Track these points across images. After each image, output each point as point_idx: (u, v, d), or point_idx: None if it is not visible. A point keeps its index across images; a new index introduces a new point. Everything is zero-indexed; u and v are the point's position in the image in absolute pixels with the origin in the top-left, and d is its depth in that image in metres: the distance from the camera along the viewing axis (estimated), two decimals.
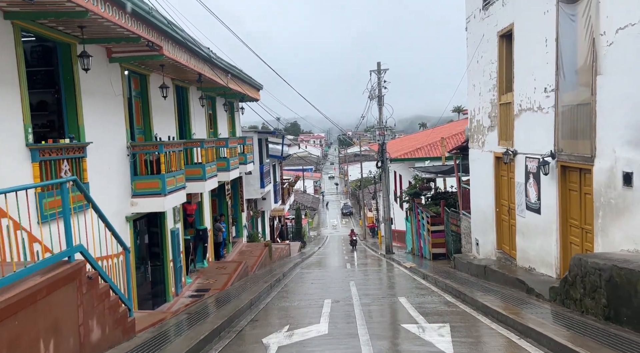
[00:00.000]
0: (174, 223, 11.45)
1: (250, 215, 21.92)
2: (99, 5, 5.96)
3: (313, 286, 12.41)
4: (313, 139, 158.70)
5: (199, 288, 11.92)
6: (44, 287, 4.53)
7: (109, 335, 5.77)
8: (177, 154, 9.94)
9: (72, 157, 7.03)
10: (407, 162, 28.61)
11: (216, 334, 6.71)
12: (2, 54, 5.76)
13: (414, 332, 6.35)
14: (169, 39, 8.52)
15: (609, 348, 4.51)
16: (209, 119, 15.55)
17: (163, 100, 10.61)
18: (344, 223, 65.15)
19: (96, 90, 7.96)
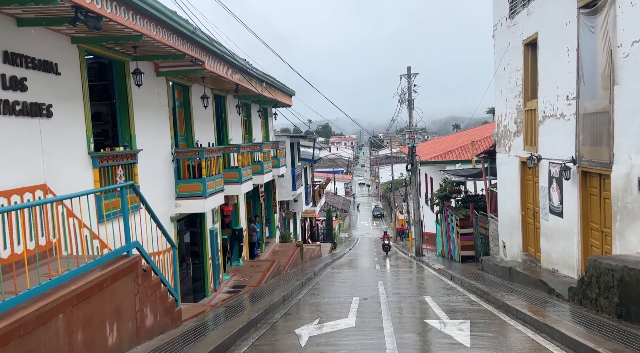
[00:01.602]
0: (213, 224, 12.24)
1: (282, 216, 22.65)
2: (152, 29, 6.72)
3: (343, 285, 12.95)
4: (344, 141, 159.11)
5: (235, 284, 12.66)
6: (109, 277, 5.28)
7: (159, 321, 6.50)
8: (216, 159, 10.70)
9: (126, 163, 7.86)
10: (437, 164, 28.76)
11: (252, 325, 7.35)
12: (70, 74, 6.60)
13: (436, 327, 6.81)
14: (210, 54, 9.28)
15: (614, 342, 4.86)
16: (244, 124, 16.35)
17: (203, 109, 11.42)
18: (374, 225, 65.24)
19: (145, 102, 8.79)
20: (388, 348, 5.79)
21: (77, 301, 4.70)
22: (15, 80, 5.54)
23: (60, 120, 6.34)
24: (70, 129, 6.58)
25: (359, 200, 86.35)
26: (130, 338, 5.70)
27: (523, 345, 5.73)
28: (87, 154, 6.94)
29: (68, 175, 6.47)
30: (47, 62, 6.11)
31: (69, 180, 6.46)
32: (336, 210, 57.54)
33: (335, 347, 6.05)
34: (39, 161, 5.93)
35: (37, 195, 5.86)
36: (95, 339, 5.01)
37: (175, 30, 7.45)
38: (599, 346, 4.70)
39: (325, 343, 6.24)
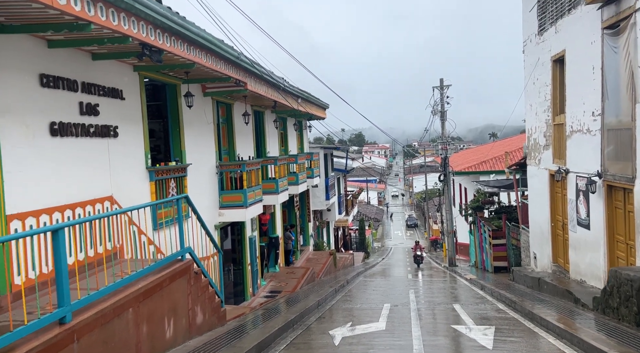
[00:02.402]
0: (252, 232, 13.01)
1: (316, 225, 23.30)
2: (202, 58, 7.55)
3: (374, 292, 13.42)
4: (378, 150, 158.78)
5: (272, 290, 13.35)
6: (167, 277, 6.04)
7: (208, 320, 7.23)
8: (255, 171, 11.48)
9: (177, 176, 8.71)
10: (471, 175, 28.78)
11: (290, 326, 7.97)
12: (132, 98, 7.50)
13: (462, 331, 7.24)
14: (252, 76, 10.08)
15: (626, 347, 5.20)
16: (280, 137, 17.16)
17: (244, 125, 12.26)
18: (408, 235, 64.90)
19: (194, 120, 9.66)
20: (415, 348, 6.29)
21: (143, 298, 5.46)
22: (89, 107, 6.44)
23: (124, 139, 7.22)
24: (132, 147, 7.46)
25: (393, 210, 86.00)
26: (183, 333, 6.44)
27: (543, 348, 6.11)
28: (145, 168, 7.81)
29: (129, 187, 7.33)
30: (114, 89, 7.01)
31: (130, 191, 7.32)
32: (369, 220, 57.74)
33: (366, 347, 6.59)
34: (107, 176, 6.80)
35: (105, 206, 6.72)
36: (156, 332, 5.75)
37: (222, 57, 8.27)
38: (612, 349, 5.06)
39: (357, 343, 6.79)
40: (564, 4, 10.04)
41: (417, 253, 25.57)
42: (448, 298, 12.11)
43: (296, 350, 6.56)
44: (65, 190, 5.94)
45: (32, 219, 5.39)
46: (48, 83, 5.71)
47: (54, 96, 5.81)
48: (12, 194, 5.11)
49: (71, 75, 6.12)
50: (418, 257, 25.42)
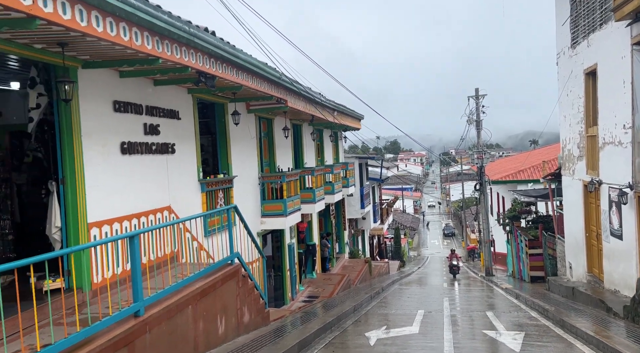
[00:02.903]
0: (290, 239, 13.69)
1: (351, 233, 23.79)
2: (249, 80, 8.31)
3: (409, 299, 13.79)
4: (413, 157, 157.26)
5: (310, 295, 13.95)
6: (220, 279, 6.75)
7: (254, 319, 7.90)
8: (294, 181, 12.17)
9: (225, 187, 9.50)
10: (509, 184, 28.54)
11: (328, 328, 8.53)
12: (187, 118, 8.34)
13: (491, 336, 7.60)
14: (292, 93, 10.80)
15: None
16: (317, 148, 17.85)
17: (284, 138, 13.01)
18: (445, 244, 64.13)
19: (239, 135, 10.45)
20: (446, 349, 6.73)
21: (200, 297, 6.18)
22: (152, 127, 7.29)
23: (180, 155, 8.05)
24: (186, 162, 8.28)
25: (429, 218, 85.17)
26: (233, 331, 7.12)
27: (568, 352, 6.41)
28: (197, 181, 8.62)
29: (184, 198, 8.14)
30: (172, 110, 7.85)
31: (184, 202, 8.12)
32: (404, 228, 57.61)
33: (400, 347, 7.08)
34: (165, 188, 7.62)
35: (165, 215, 7.53)
36: (210, 328, 6.46)
37: (266, 78, 9.02)
38: None
39: (391, 344, 7.28)
40: (595, 19, 10.26)
41: (453, 262, 24.33)
42: (482, 306, 12.35)
43: (334, 348, 7.12)
44: (132, 201, 6.77)
45: (106, 227, 6.23)
46: (119, 108, 6.57)
47: (124, 119, 6.67)
48: (91, 205, 5.95)
49: (137, 100, 6.98)
50: (454, 267, 24.10)
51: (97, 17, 4.54)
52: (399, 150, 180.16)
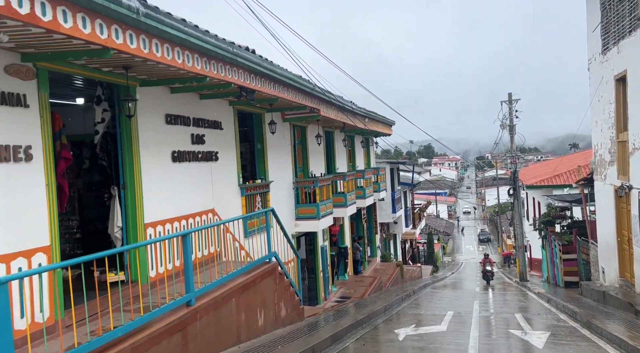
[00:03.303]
0: (323, 241, 14.24)
1: (383, 237, 24.12)
2: (285, 93, 8.95)
3: (440, 301, 14.08)
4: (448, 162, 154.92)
5: (342, 296, 14.45)
6: (259, 276, 7.37)
7: (289, 314, 8.49)
8: (326, 186, 12.73)
9: (262, 192, 10.16)
10: (544, 189, 28.17)
11: (359, 324, 9.02)
12: (228, 128, 9.06)
13: (517, 335, 7.91)
14: (324, 103, 11.39)
15: None
16: (348, 154, 18.37)
17: (317, 144, 13.61)
18: (480, 250, 63.09)
19: (275, 143, 11.12)
20: (470, 345, 7.11)
21: (242, 291, 6.81)
22: (198, 137, 8.03)
23: (222, 162, 8.76)
24: (228, 168, 8.99)
25: (464, 224, 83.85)
26: (271, 324, 7.73)
27: (591, 350, 6.67)
28: (237, 185, 9.31)
29: (226, 201, 8.83)
30: (215, 121, 8.58)
31: (226, 205, 8.81)
32: (438, 233, 57.15)
33: (427, 342, 7.50)
34: (210, 192, 8.34)
35: (209, 217, 8.24)
36: (251, 320, 7.08)
37: (300, 90, 9.65)
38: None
39: (418, 340, 7.71)
40: (625, 26, 10.38)
41: (487, 268, 23.03)
42: (512, 309, 12.52)
43: (365, 342, 7.61)
44: (181, 204, 7.50)
45: (160, 227, 6.96)
46: (171, 120, 7.32)
47: (174, 130, 7.42)
48: (147, 207, 6.69)
49: (186, 113, 7.73)
50: (488, 273, 22.83)
51: (156, 44, 5.25)
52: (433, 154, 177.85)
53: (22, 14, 3.69)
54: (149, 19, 4.89)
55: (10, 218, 4.71)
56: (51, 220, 5.15)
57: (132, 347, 4.68)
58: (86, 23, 4.28)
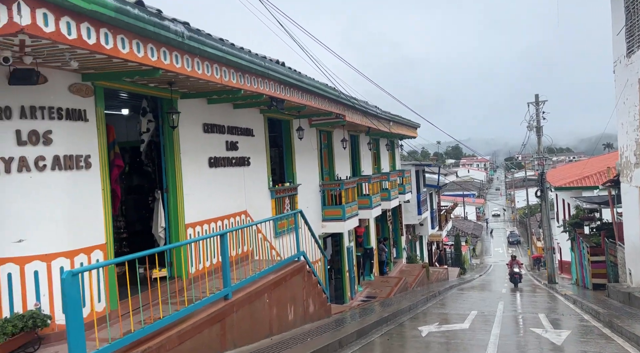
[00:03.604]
0: (349, 242, 14.68)
1: (408, 239, 24.35)
2: (312, 101, 9.46)
3: (465, 302, 14.31)
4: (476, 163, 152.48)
5: (368, 295, 14.85)
6: (289, 273, 7.89)
7: (317, 311, 8.97)
8: (352, 189, 13.18)
9: (290, 194, 10.70)
10: (573, 190, 27.81)
11: (384, 321, 9.43)
12: (259, 135, 9.64)
13: (537, 333, 8.16)
14: (349, 108, 11.86)
15: None
16: (373, 157, 18.76)
17: (342, 148, 14.08)
18: (509, 252, 62.12)
19: (302, 148, 11.65)
20: (490, 341, 7.43)
21: (274, 287, 7.34)
22: (232, 144, 8.62)
23: (254, 167, 9.34)
24: (259, 172, 9.56)
25: (493, 226, 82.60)
26: (300, 319, 8.23)
27: (609, 347, 6.89)
28: (268, 189, 9.88)
29: (257, 203, 9.40)
30: (248, 129, 9.17)
31: (257, 207, 9.38)
32: (465, 235, 56.66)
33: (448, 338, 7.85)
34: (242, 195, 8.92)
35: (242, 218, 8.82)
36: (282, 314, 7.60)
37: (326, 97, 10.15)
38: None
39: (440, 336, 8.07)
40: None
41: (514, 270, 21.87)
42: (536, 309, 12.67)
43: (389, 337, 8.03)
44: (217, 206, 8.09)
45: (198, 227, 7.56)
46: (207, 129, 7.93)
47: (211, 138, 8.03)
48: (187, 209, 7.30)
49: (221, 121, 8.33)
50: (515, 275, 21.71)
51: (198, 63, 5.84)
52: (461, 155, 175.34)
53: (90, 44, 4.30)
54: (192, 41, 5.48)
55: (74, 220, 5.37)
56: (106, 221, 5.79)
57: (178, 334, 5.25)
58: (140, 48, 4.88)
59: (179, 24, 5.29)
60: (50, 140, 5.19)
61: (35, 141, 5.12)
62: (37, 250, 5.12)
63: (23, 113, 5.07)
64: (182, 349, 5.23)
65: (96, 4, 4.17)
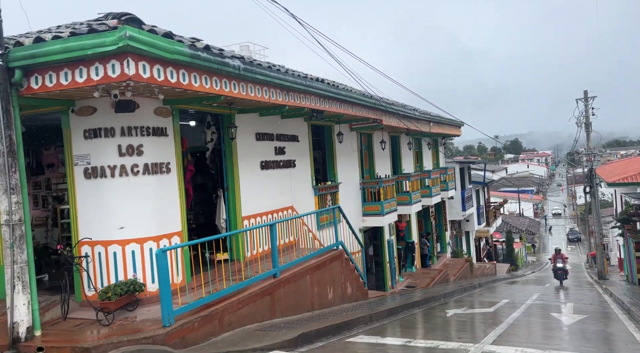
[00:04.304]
0: (389, 236, 15.83)
1: (453, 234, 25.00)
2: (349, 109, 10.75)
3: (499, 293, 15.05)
4: (537, 157, 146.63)
5: (408, 285, 15.93)
6: (328, 259, 9.25)
7: (354, 293, 10.28)
8: (390, 186, 14.32)
9: (332, 191, 12.05)
10: (630, 186, 27.18)
11: (416, 305, 10.55)
12: (304, 140, 11.06)
13: (554, 316, 9.02)
14: (386, 113, 13.02)
15: None
16: (415, 156, 19.71)
17: (381, 149, 15.24)
18: (569, 249, 60.17)
19: (343, 150, 12.96)
20: (506, 321, 8.41)
21: (314, 270, 8.73)
22: (280, 149, 10.10)
23: (299, 168, 10.77)
24: (303, 173, 10.99)
25: (552, 223, 79.83)
26: (339, 298, 9.58)
27: (614, 327, 7.69)
28: (311, 187, 11.29)
29: (302, 200, 10.83)
30: (293, 135, 10.61)
31: (302, 203, 10.81)
32: (520, 232, 55.58)
33: (470, 318, 8.90)
34: (289, 192, 10.37)
35: (289, 212, 10.28)
36: (322, 293, 8.97)
37: (363, 105, 11.39)
38: None
39: (463, 316, 9.13)
40: None
41: (558, 265, 19.43)
42: (566, 299, 13.26)
43: (416, 316, 9.19)
44: (267, 202, 9.59)
45: (252, 220, 9.09)
46: (259, 137, 9.45)
47: (262, 145, 9.53)
48: (243, 205, 8.85)
49: (270, 130, 9.82)
50: (559, 271, 19.32)
51: (251, 87, 7.31)
52: (521, 149, 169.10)
53: (172, 82, 5.86)
54: (246, 71, 6.95)
55: (159, 212, 7.01)
56: (182, 214, 7.41)
57: (237, 301, 6.75)
58: (207, 81, 6.41)
59: (236, 59, 6.78)
60: (142, 152, 6.84)
61: (131, 153, 6.79)
62: (134, 235, 6.79)
63: (122, 132, 6.75)
64: (241, 313, 6.73)
65: (178, 54, 5.72)
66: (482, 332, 7.26)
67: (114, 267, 6.76)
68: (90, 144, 6.72)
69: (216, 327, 6.25)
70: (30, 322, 5.72)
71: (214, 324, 6.23)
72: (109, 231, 6.77)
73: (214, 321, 6.22)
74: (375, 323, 8.15)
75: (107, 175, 6.71)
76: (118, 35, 5.07)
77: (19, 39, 5.65)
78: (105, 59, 5.31)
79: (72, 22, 8.97)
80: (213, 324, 6.21)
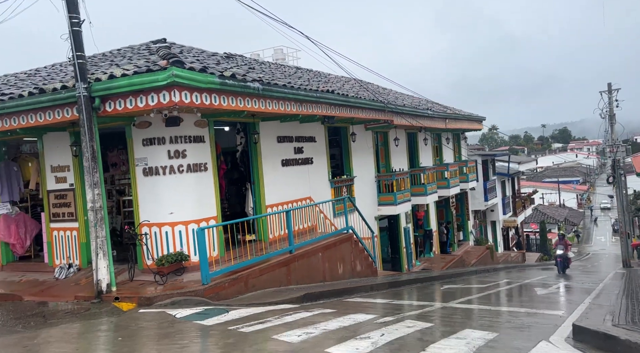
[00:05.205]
0: (406, 223, 17.44)
1: (476, 223, 26.14)
2: (359, 113, 12.47)
3: (509, 275, 16.33)
4: (587, 146, 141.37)
5: (423, 268, 17.50)
6: (338, 240, 11.08)
7: (363, 270, 12.06)
8: (404, 179, 15.92)
9: (347, 184, 13.85)
10: None
11: (418, 281, 12.15)
12: (320, 140, 12.89)
13: (535, 289, 10.41)
14: (397, 114, 14.62)
15: None
16: (434, 150, 21.09)
17: (396, 146, 16.84)
18: (613, 240, 58.89)
19: (359, 147, 14.69)
20: (492, 291, 9.93)
21: (326, 249, 10.58)
22: (299, 149, 11.98)
23: (316, 164, 12.62)
24: (320, 169, 12.83)
25: (597, 213, 77.87)
26: (348, 273, 11.39)
27: (573, 293, 9.09)
28: (327, 180, 13.13)
29: (319, 192, 12.69)
30: (311, 136, 12.47)
31: (319, 194, 12.67)
32: (557, 222, 55.10)
33: (457, 288, 10.46)
34: (307, 185, 12.25)
35: (307, 202, 12.17)
36: (333, 268, 10.82)
37: (373, 109, 13.08)
38: None
39: (453, 288, 10.70)
40: None
41: (558, 252, 17.31)
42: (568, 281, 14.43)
43: (412, 289, 10.88)
44: (287, 193, 11.51)
45: (275, 208, 11.04)
46: (280, 140, 11.36)
47: (283, 146, 11.45)
48: (267, 195, 10.81)
49: (290, 133, 11.72)
50: (559, 259, 17.13)
51: (269, 102, 9.21)
52: (570, 138, 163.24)
53: (207, 104, 7.85)
54: (264, 91, 8.86)
55: (199, 201, 9.06)
56: (217, 202, 9.44)
57: (259, 269, 8.71)
58: (233, 100, 8.36)
59: (256, 82, 8.70)
60: (185, 155, 8.90)
61: (177, 156, 8.86)
62: (180, 218, 8.89)
63: (171, 140, 8.82)
64: (262, 278, 8.70)
65: (210, 83, 7.69)
66: (454, 298, 8.88)
67: (166, 242, 8.88)
68: (147, 149, 8.85)
69: (242, 288, 8.25)
70: (108, 280, 7.91)
71: (241, 285, 8.22)
72: (162, 216, 8.88)
73: (240, 283, 8.22)
74: (374, 292, 9.92)
75: (160, 174, 8.81)
76: (167, 74, 7.09)
77: (98, 76, 7.79)
78: (158, 90, 7.35)
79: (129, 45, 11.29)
80: (240, 285, 8.20)
